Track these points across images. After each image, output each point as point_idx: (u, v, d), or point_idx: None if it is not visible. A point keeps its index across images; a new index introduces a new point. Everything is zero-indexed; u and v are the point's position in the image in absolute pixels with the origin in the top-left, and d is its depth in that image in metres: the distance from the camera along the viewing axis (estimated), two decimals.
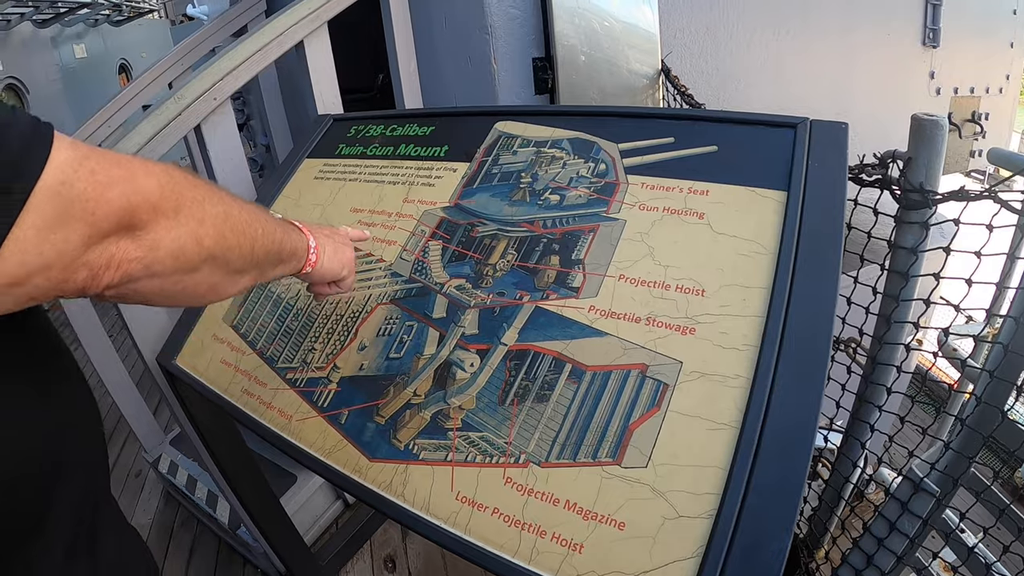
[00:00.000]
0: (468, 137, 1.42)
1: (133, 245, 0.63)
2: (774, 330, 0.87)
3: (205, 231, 0.71)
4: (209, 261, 0.73)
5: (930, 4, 3.96)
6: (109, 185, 0.59)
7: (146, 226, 0.63)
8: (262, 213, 0.88)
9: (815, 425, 0.80)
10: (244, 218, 0.80)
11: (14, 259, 0.53)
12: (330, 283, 1.14)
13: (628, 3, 2.35)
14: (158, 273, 0.67)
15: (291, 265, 0.99)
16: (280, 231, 0.92)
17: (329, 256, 1.07)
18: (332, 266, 1.08)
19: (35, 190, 0.53)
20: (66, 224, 0.56)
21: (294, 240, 0.98)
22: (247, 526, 2.14)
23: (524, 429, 0.95)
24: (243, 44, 1.85)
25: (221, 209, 0.74)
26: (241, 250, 0.79)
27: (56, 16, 8.98)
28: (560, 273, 1.09)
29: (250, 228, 0.81)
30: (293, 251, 0.97)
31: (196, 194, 0.70)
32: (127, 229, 0.62)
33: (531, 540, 0.87)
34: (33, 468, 0.70)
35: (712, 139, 1.13)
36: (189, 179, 0.70)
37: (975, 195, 1.09)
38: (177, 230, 0.67)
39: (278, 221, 0.94)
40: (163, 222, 0.65)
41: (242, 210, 0.80)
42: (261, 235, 0.84)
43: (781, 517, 0.75)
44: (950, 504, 1.41)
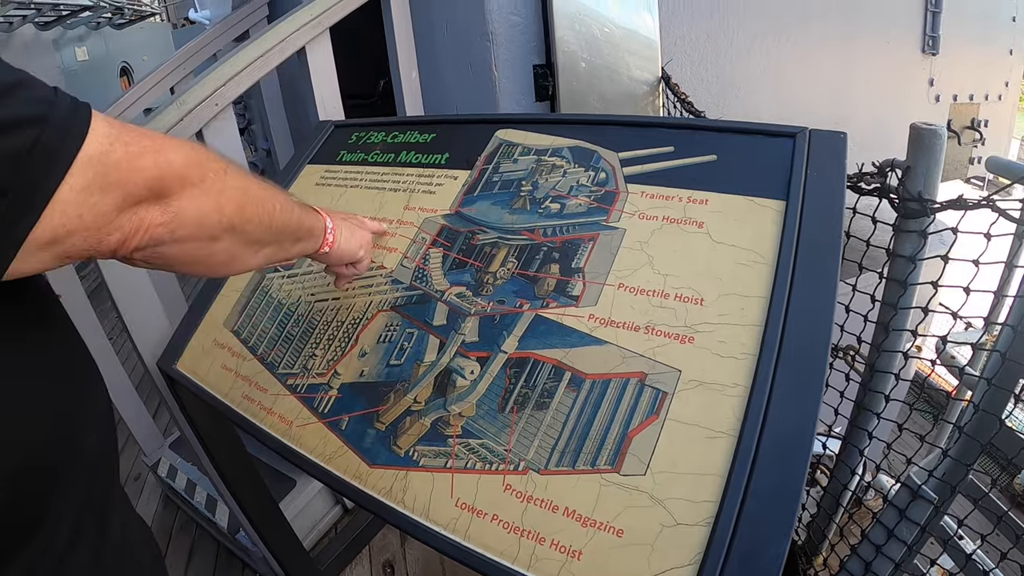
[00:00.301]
0: (469, 145, 1.43)
1: (160, 211, 0.68)
2: (772, 339, 0.87)
3: (226, 200, 0.77)
4: (229, 231, 0.79)
5: (930, 11, 3.97)
6: (141, 156, 0.64)
7: (173, 194, 0.69)
8: (280, 191, 0.93)
9: (813, 434, 0.80)
10: (262, 193, 0.86)
11: (56, 218, 0.58)
12: (347, 265, 1.21)
13: (628, 9, 2.36)
14: (182, 239, 0.72)
15: (309, 244, 1.05)
16: (298, 209, 0.98)
17: (346, 237, 1.14)
18: (349, 247, 1.15)
19: (78, 157, 0.58)
20: (103, 189, 0.61)
21: (311, 219, 1.04)
22: (246, 530, 2.14)
23: (523, 436, 0.96)
24: (245, 50, 1.86)
25: (241, 182, 0.80)
26: (260, 221, 0.84)
27: (58, 19, 8.98)
28: (560, 281, 1.09)
29: (268, 203, 0.86)
30: (310, 230, 1.03)
31: (218, 166, 0.76)
32: (156, 197, 0.67)
33: (530, 547, 0.87)
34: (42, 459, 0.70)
35: (711, 148, 1.14)
36: (212, 154, 0.76)
37: (973, 204, 1.10)
38: (201, 199, 0.72)
39: (295, 201, 0.99)
40: (188, 191, 0.70)
41: (260, 186, 0.86)
42: (279, 211, 0.89)
43: (778, 525, 0.76)
44: (948, 511, 1.42)
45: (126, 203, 0.64)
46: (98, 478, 0.81)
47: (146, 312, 1.75)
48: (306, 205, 1.05)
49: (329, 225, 1.09)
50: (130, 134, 0.64)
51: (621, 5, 2.33)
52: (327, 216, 1.10)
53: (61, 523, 0.72)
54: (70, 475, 0.74)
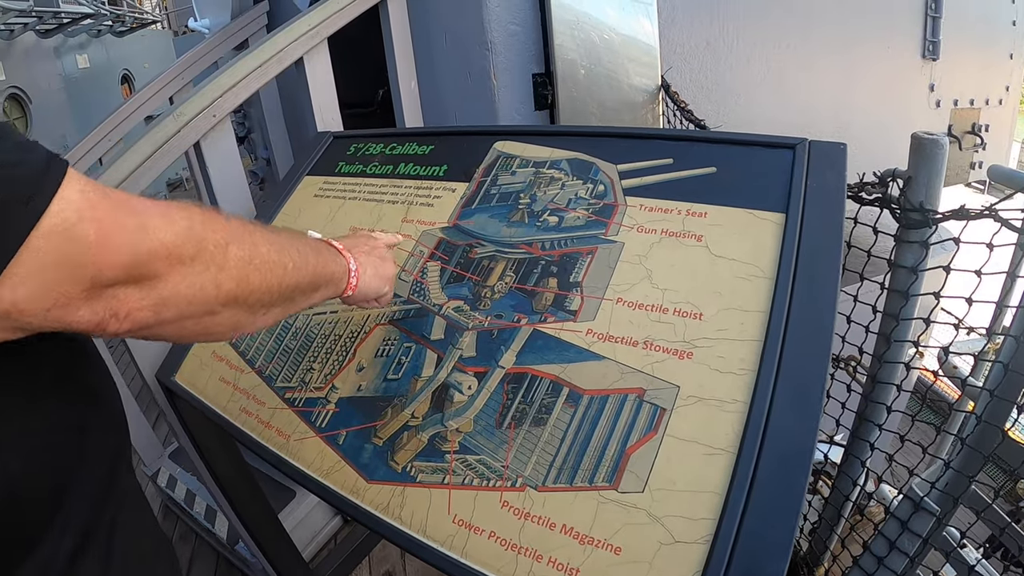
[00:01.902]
0: (467, 157, 1.42)
1: (141, 294, 0.61)
2: (771, 355, 0.87)
3: (226, 276, 0.69)
4: (230, 304, 0.71)
5: (930, 17, 3.96)
6: (115, 235, 0.56)
7: (157, 276, 0.61)
8: (295, 242, 0.86)
9: (812, 451, 0.80)
10: (272, 256, 0.78)
11: (5, 294, 0.52)
12: (371, 300, 1.14)
13: (628, 16, 2.36)
14: (171, 320, 0.65)
15: (329, 290, 0.97)
16: (315, 259, 0.90)
17: (370, 276, 1.06)
18: (373, 285, 1.07)
19: (37, 228, 0.52)
20: (65, 268, 0.54)
21: (331, 266, 0.96)
22: (245, 541, 2.13)
23: (521, 453, 0.95)
24: (242, 61, 1.86)
25: (246, 251, 0.72)
26: (268, 288, 0.77)
27: (59, 26, 9.02)
28: (558, 296, 1.09)
29: (278, 265, 0.79)
30: (330, 278, 0.96)
31: (218, 238, 0.68)
32: (135, 280, 0.60)
33: (527, 564, 0.87)
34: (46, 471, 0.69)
35: (711, 160, 1.13)
36: (212, 222, 0.68)
37: (975, 214, 1.09)
38: (193, 278, 0.65)
39: (314, 246, 0.93)
40: (178, 270, 0.63)
41: (271, 246, 0.78)
42: (292, 269, 0.82)
43: (777, 543, 0.75)
44: (951, 522, 1.41)
45: (95, 285, 0.56)
46: (108, 484, 0.80)
47: None
48: (326, 244, 0.99)
49: (353, 267, 1.01)
50: (108, 206, 0.57)
51: (620, 12, 2.32)
52: (350, 256, 1.02)
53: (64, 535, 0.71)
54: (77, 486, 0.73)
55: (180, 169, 10.87)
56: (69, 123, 9.00)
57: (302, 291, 0.87)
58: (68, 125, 8.91)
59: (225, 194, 1.90)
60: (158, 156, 1.68)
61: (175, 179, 12.03)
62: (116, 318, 0.59)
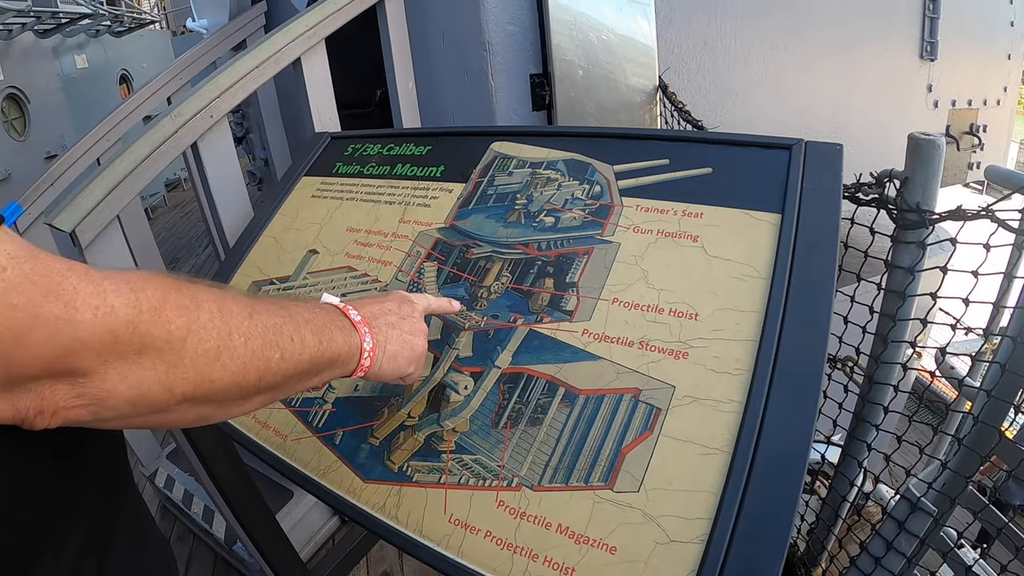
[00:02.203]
0: (464, 157, 1.42)
1: (72, 392, 0.51)
2: (767, 355, 0.87)
3: (179, 375, 0.57)
4: (187, 403, 0.59)
5: (927, 17, 3.97)
6: (32, 326, 0.47)
7: (89, 372, 0.51)
8: (290, 322, 0.71)
9: (807, 451, 0.80)
10: (251, 349, 0.63)
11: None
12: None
13: (625, 16, 2.36)
14: (112, 419, 0.56)
15: (332, 373, 0.80)
16: (314, 342, 0.74)
17: (390, 356, 0.87)
18: (392, 367, 0.88)
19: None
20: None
21: (337, 346, 0.78)
22: (243, 542, 2.13)
23: (517, 452, 0.95)
24: (240, 62, 1.86)
25: (211, 345, 0.59)
26: (241, 385, 0.63)
27: (57, 26, 9.01)
28: (554, 296, 1.09)
29: (259, 359, 0.64)
30: (334, 359, 0.78)
31: (172, 330, 0.56)
32: (61, 375, 0.50)
33: (523, 563, 0.87)
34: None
35: (707, 161, 1.13)
36: (166, 309, 0.56)
37: (972, 214, 1.09)
38: (135, 377, 0.54)
39: (319, 324, 0.76)
40: (115, 368, 0.52)
41: (252, 335, 0.64)
42: (278, 361, 0.67)
43: (772, 542, 0.75)
44: (948, 522, 1.41)
45: (10, 382, 0.48)
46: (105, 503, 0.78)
47: None
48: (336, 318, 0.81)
49: (367, 345, 0.83)
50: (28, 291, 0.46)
51: (618, 12, 2.33)
52: (367, 331, 0.84)
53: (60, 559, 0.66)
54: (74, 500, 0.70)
55: (178, 169, 10.85)
56: (67, 123, 8.99)
57: (294, 379, 0.72)
58: (66, 125, 8.91)
59: (223, 194, 1.90)
60: (156, 156, 1.68)
61: (173, 179, 12.03)
62: (43, 415, 0.51)
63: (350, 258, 1.39)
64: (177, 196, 11.71)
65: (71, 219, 1.58)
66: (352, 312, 0.84)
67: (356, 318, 0.83)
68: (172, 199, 11.51)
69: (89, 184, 1.63)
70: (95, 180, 1.64)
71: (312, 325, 0.74)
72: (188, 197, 10.80)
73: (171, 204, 11.23)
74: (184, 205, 10.83)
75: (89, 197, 1.61)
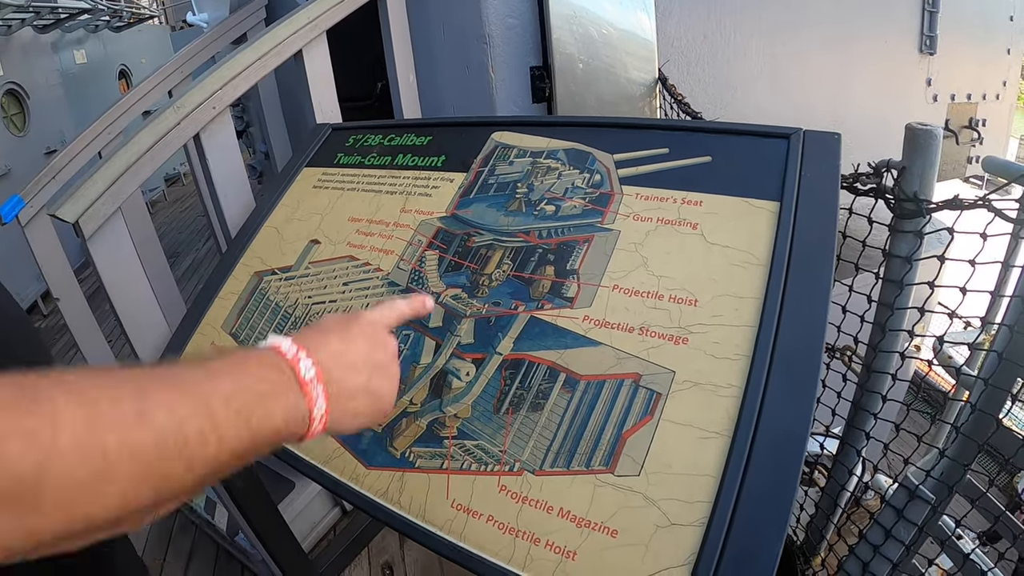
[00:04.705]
0: (465, 147, 1.43)
1: None
2: (766, 340, 0.87)
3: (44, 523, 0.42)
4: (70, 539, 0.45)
5: (927, 11, 3.96)
6: None
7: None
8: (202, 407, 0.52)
9: (806, 435, 0.81)
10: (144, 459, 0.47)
11: None
12: None
13: (625, 10, 2.36)
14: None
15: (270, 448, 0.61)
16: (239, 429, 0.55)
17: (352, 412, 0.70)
18: (354, 424, 0.71)
19: None
20: None
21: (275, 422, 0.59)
22: (245, 533, 2.13)
23: (519, 438, 0.96)
24: (241, 54, 1.86)
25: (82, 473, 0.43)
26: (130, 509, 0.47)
27: (56, 22, 8.98)
28: (555, 283, 1.10)
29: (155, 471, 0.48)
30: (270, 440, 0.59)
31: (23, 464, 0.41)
32: None
33: (525, 547, 0.88)
34: None
35: (706, 150, 1.14)
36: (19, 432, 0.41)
37: (969, 204, 1.10)
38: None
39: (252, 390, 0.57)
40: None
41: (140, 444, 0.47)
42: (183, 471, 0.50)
43: (772, 525, 0.76)
44: (947, 511, 1.42)
45: None
46: None
47: (144, 315, 1.75)
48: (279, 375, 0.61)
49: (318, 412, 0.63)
50: None
51: (617, 5, 2.33)
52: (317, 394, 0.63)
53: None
54: None
55: (178, 164, 10.84)
56: (67, 119, 8.96)
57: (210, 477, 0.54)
58: (66, 121, 8.88)
59: (225, 185, 1.91)
60: (158, 148, 1.69)
61: (172, 174, 12.00)
62: None
63: (352, 248, 1.39)
64: (176, 191, 11.68)
65: (74, 210, 1.59)
66: (304, 365, 0.63)
67: (308, 375, 0.63)
68: (172, 194, 11.48)
69: (92, 175, 1.64)
70: (98, 171, 1.64)
71: (237, 402, 0.55)
72: (187, 192, 10.80)
73: (171, 199, 11.21)
74: (184, 200, 10.81)
75: (92, 188, 1.62)
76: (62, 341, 5.31)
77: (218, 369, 0.57)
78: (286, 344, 0.64)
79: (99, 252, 1.67)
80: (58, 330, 5.46)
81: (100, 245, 1.67)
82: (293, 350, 0.64)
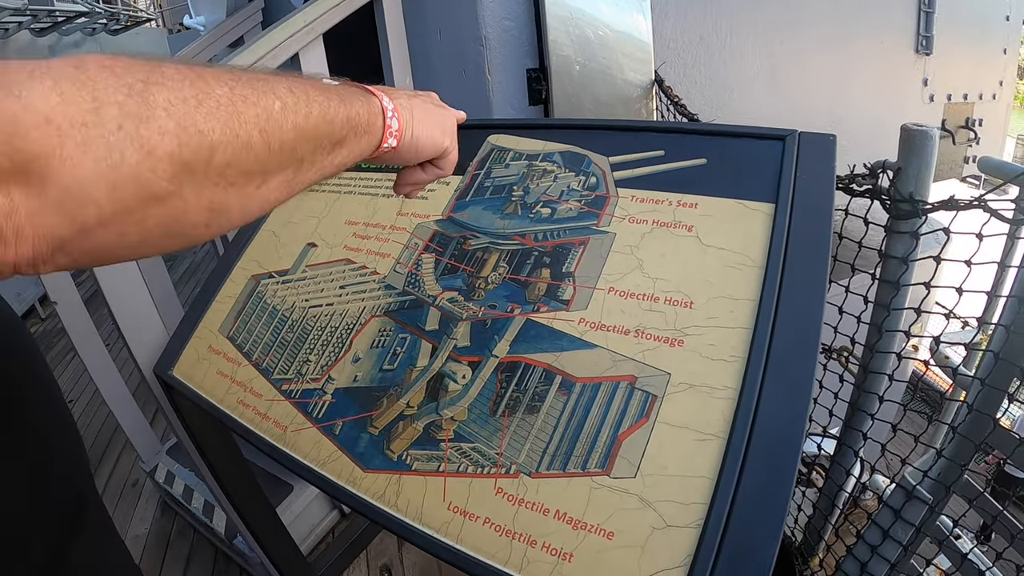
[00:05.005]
0: (461, 150, 1.42)
1: (31, 193, 0.38)
2: (761, 342, 0.88)
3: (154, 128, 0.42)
4: (184, 176, 0.45)
5: (923, 12, 3.97)
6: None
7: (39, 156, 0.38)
8: (284, 78, 0.57)
9: (802, 436, 0.81)
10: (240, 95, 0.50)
11: None
12: (426, 165, 0.86)
13: (621, 12, 2.36)
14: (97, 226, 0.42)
15: (358, 143, 0.66)
16: (321, 96, 0.59)
17: (419, 119, 0.75)
18: (427, 135, 0.76)
19: None
20: None
21: (354, 105, 0.64)
22: (243, 536, 2.14)
23: (515, 440, 0.96)
24: (238, 57, 1.87)
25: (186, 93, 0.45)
26: (242, 143, 0.49)
27: (54, 25, 8.98)
28: (551, 286, 1.10)
29: (253, 103, 0.50)
30: (352, 120, 0.64)
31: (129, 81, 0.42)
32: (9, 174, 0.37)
33: (522, 549, 0.88)
34: None
35: (701, 152, 1.14)
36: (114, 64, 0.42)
37: (964, 204, 1.10)
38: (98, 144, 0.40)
39: (321, 85, 0.62)
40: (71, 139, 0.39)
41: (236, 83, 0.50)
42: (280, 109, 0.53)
43: (768, 526, 0.76)
44: (944, 511, 1.42)
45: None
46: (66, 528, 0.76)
47: (142, 318, 1.75)
48: (350, 85, 0.68)
49: (388, 105, 0.70)
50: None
51: (613, 7, 2.33)
52: (382, 94, 0.71)
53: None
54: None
55: None
56: None
57: (311, 144, 0.58)
58: None
59: None
60: None
61: None
62: (4, 241, 0.38)
63: (348, 251, 1.40)
64: None
65: None
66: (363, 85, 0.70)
67: (369, 88, 0.70)
68: None
69: None
70: None
71: (313, 83, 0.60)
72: None
73: None
74: None
75: None
76: (59, 345, 5.31)
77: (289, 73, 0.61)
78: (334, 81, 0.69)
79: None
80: (55, 334, 5.47)
81: None
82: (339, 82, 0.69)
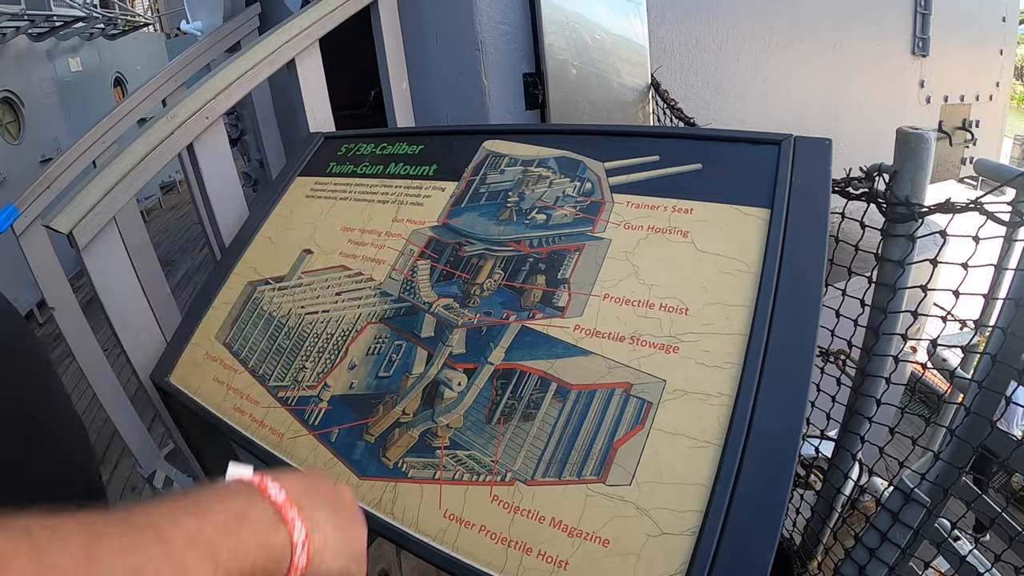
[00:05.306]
0: (456, 156, 1.43)
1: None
2: (756, 348, 0.88)
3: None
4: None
5: (919, 13, 3.97)
6: None
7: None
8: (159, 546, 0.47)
9: (797, 443, 0.81)
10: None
11: None
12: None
13: (618, 16, 2.36)
14: None
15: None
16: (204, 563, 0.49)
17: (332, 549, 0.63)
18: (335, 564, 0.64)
19: None
20: None
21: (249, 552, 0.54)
22: None
23: (510, 447, 0.96)
24: (234, 63, 1.86)
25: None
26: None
27: (51, 30, 8.98)
28: (546, 293, 1.10)
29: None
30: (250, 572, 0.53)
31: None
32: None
33: (517, 557, 0.88)
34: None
35: (697, 157, 1.14)
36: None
37: (960, 207, 1.10)
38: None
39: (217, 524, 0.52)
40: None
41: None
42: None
43: (763, 533, 0.76)
44: (942, 513, 1.42)
45: None
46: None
47: (139, 325, 1.75)
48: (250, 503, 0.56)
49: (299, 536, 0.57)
50: None
51: (610, 11, 2.33)
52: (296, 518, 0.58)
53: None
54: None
55: (173, 172, 10.84)
56: (62, 126, 8.96)
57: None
58: (61, 128, 8.88)
59: (218, 195, 1.91)
60: (152, 158, 1.68)
61: (168, 182, 12.01)
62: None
63: (344, 257, 1.40)
64: (172, 198, 11.69)
65: (68, 221, 1.59)
66: (272, 488, 0.58)
67: (278, 497, 0.58)
68: (167, 201, 11.49)
69: (86, 186, 1.64)
70: (92, 181, 1.64)
71: (201, 537, 0.51)
72: (183, 199, 10.80)
73: (166, 206, 11.22)
74: (179, 207, 10.82)
75: (86, 198, 1.61)
76: (57, 351, 5.29)
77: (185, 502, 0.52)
78: (247, 471, 0.61)
79: (93, 262, 1.66)
80: (53, 339, 5.45)
81: (94, 255, 1.67)
82: (255, 478, 0.59)
